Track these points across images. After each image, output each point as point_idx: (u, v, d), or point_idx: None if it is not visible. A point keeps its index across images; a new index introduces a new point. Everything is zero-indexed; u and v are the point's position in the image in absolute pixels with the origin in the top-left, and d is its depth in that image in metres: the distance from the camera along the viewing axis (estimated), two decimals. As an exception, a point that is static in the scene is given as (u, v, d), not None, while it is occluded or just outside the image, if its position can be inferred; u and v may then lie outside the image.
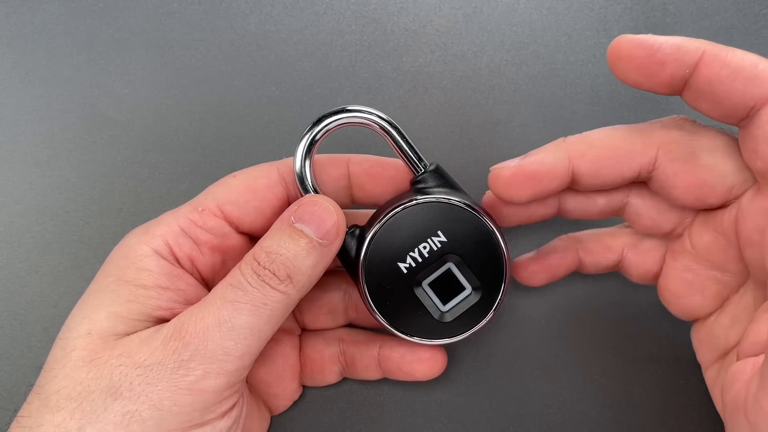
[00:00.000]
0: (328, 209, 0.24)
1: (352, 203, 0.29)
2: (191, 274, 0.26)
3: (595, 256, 0.29)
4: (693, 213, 0.26)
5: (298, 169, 0.26)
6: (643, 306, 0.32)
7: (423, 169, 0.27)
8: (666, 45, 0.22)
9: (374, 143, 0.30)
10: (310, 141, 0.26)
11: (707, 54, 0.22)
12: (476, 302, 0.26)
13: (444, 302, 0.26)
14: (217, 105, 0.34)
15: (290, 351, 0.30)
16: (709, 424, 0.30)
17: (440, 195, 0.25)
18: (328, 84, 0.34)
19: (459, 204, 0.25)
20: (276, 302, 0.23)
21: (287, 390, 0.30)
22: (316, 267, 0.24)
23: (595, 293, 0.32)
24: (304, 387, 0.31)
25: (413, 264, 0.26)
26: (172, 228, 0.25)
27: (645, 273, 0.28)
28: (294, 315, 0.31)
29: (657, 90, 0.23)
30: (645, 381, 0.31)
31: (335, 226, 0.24)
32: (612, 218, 0.29)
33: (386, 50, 0.34)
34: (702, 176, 0.24)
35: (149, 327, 0.24)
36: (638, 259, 0.28)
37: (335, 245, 0.25)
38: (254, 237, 0.27)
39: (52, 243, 0.33)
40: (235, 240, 0.27)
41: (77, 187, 0.33)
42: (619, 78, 0.23)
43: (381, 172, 0.28)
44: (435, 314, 0.26)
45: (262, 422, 0.30)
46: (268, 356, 0.29)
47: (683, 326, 0.28)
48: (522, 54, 0.34)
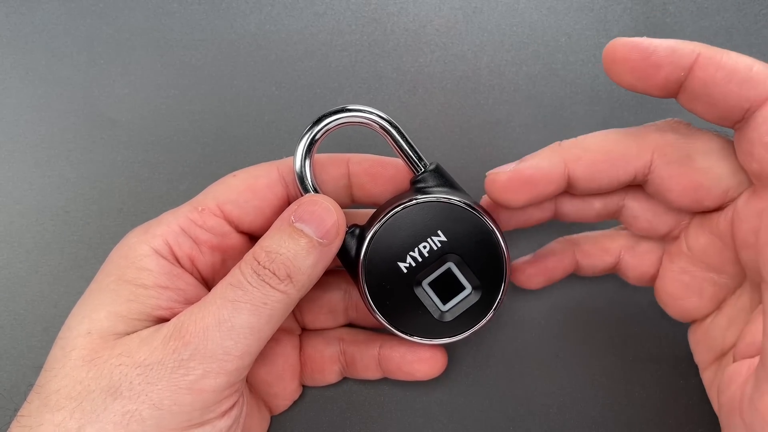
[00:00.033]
0: (328, 209, 0.24)
1: (352, 203, 0.29)
2: (191, 274, 0.26)
3: (592, 259, 0.29)
4: (689, 215, 0.26)
5: (298, 169, 0.26)
6: (643, 306, 0.32)
7: (423, 169, 0.27)
8: (661, 48, 0.22)
9: (374, 143, 0.30)
10: (310, 140, 0.26)
11: (702, 57, 0.22)
12: (476, 302, 0.26)
13: (444, 302, 0.26)
14: (217, 105, 0.34)
15: (290, 351, 0.30)
16: (709, 424, 0.30)
17: (440, 194, 0.25)
18: (328, 84, 0.34)
19: (459, 203, 0.25)
20: (276, 302, 0.23)
21: (287, 390, 0.30)
22: (316, 266, 0.24)
23: (595, 293, 0.32)
24: (304, 387, 0.31)
25: (413, 263, 0.26)
26: (172, 227, 0.25)
27: (642, 275, 0.28)
28: (294, 315, 0.31)
29: (652, 93, 0.23)
30: (645, 381, 0.31)
31: (335, 226, 0.24)
32: (608, 221, 0.29)
33: (386, 50, 0.34)
34: (697, 179, 0.24)
35: (149, 326, 0.24)
36: (635, 262, 0.28)
37: (335, 245, 0.25)
38: (254, 236, 0.27)
39: (52, 243, 0.33)
40: (235, 239, 0.27)
41: (77, 187, 0.33)
42: (615, 81, 0.23)
43: (381, 172, 0.28)
44: (435, 314, 0.26)
45: (262, 422, 0.30)
46: (268, 356, 0.29)
47: (683, 326, 0.28)
48: (522, 54, 0.34)
